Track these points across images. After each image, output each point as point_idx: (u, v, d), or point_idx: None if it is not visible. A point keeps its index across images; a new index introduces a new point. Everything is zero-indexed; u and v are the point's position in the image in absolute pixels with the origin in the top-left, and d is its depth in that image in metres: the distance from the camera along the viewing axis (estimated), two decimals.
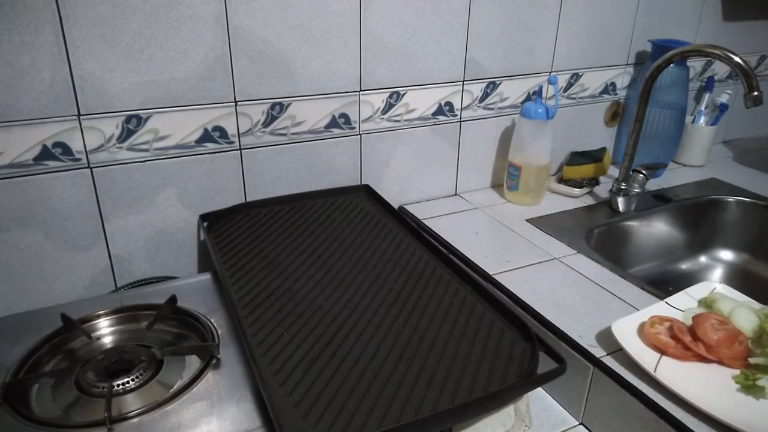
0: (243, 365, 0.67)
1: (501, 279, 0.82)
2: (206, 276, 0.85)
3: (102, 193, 0.82)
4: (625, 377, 0.63)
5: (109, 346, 0.72)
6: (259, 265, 0.79)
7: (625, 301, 0.78)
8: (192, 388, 0.63)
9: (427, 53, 0.98)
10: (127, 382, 0.63)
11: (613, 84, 1.22)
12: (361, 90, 0.96)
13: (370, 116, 0.98)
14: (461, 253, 0.90)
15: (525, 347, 0.64)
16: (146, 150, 0.82)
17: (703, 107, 1.30)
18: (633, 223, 1.06)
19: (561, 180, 1.15)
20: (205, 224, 0.87)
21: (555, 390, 0.73)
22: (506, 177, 1.09)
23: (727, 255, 1.14)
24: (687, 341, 0.65)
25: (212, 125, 0.86)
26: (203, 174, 0.88)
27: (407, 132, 1.03)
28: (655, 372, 0.62)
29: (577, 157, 1.17)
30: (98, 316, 0.75)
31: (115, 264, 0.86)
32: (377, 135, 1.00)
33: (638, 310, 0.74)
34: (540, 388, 0.74)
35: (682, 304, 0.74)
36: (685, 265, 1.12)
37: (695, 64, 1.32)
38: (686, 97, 1.18)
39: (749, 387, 0.61)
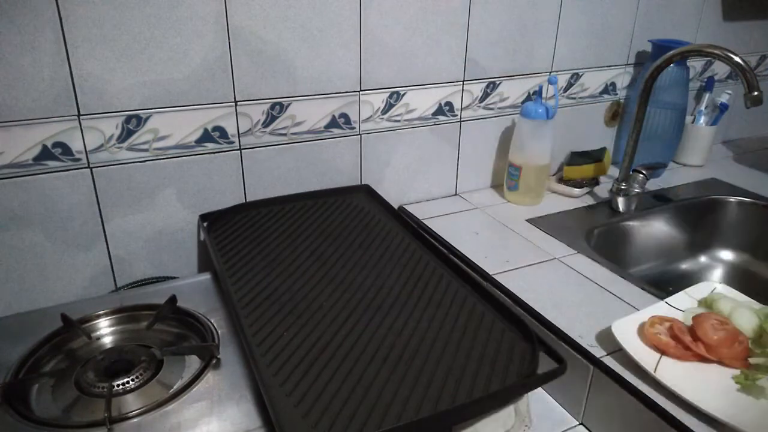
0: (243, 365, 0.67)
1: (501, 279, 0.82)
2: (206, 276, 0.85)
3: (102, 193, 0.82)
4: (625, 377, 0.63)
5: (109, 346, 0.72)
6: (259, 265, 0.79)
7: (625, 301, 0.78)
8: (192, 388, 0.63)
9: (427, 53, 0.98)
10: (127, 382, 0.63)
11: (613, 84, 1.22)
12: (361, 90, 0.95)
13: (370, 116, 0.98)
14: (461, 253, 0.90)
15: (525, 347, 0.64)
16: (146, 150, 0.82)
17: (703, 107, 1.30)
18: (633, 223, 1.06)
19: (561, 180, 1.15)
20: (205, 224, 0.87)
21: (555, 390, 0.73)
22: (506, 177, 1.09)
23: (727, 255, 1.14)
24: (687, 341, 0.65)
25: (212, 125, 0.86)
26: (203, 174, 0.88)
27: (407, 132, 1.03)
28: (655, 372, 0.62)
29: (577, 157, 1.17)
30: (98, 316, 0.75)
31: (115, 264, 0.86)
32: (377, 135, 1.00)
33: (638, 310, 0.74)
34: (540, 388, 0.74)
35: (682, 304, 0.74)
36: (685, 265, 1.12)
37: (695, 64, 1.32)
38: (686, 97, 1.18)
39: (749, 387, 0.61)
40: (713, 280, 1.05)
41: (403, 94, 1.00)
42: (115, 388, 0.62)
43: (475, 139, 1.11)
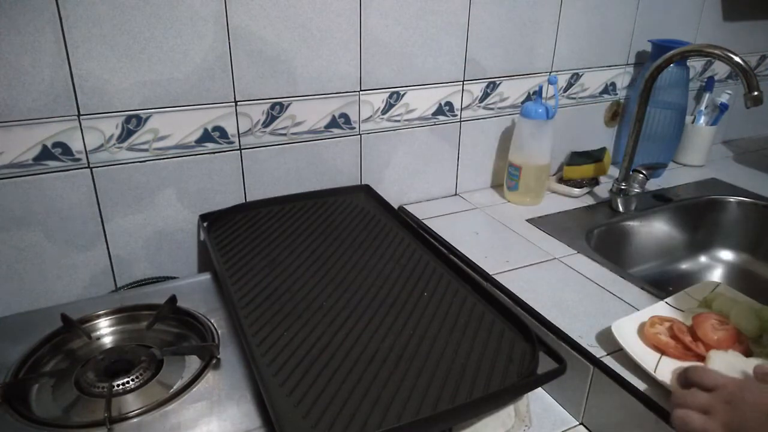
0: (243, 365, 0.67)
1: (501, 279, 0.82)
2: (206, 276, 0.85)
3: (102, 193, 0.82)
4: (625, 377, 0.63)
5: (109, 346, 0.72)
6: (259, 265, 0.79)
7: (625, 301, 0.78)
8: (192, 388, 0.63)
9: (427, 53, 0.98)
10: (127, 382, 0.63)
11: (613, 84, 1.22)
12: (361, 90, 0.95)
13: (370, 116, 0.98)
14: (461, 253, 0.90)
15: (525, 347, 0.64)
16: (146, 150, 0.82)
17: (703, 107, 1.30)
18: (633, 223, 1.06)
19: (561, 180, 1.15)
20: (205, 224, 0.87)
21: (555, 390, 0.73)
22: (506, 177, 1.10)
23: (727, 255, 1.14)
24: (687, 341, 0.65)
25: (212, 125, 0.86)
26: (203, 174, 0.88)
27: (407, 132, 1.03)
28: (655, 372, 0.62)
29: (577, 157, 1.17)
30: (98, 316, 0.75)
31: (115, 264, 0.86)
32: (377, 135, 1.00)
33: (638, 310, 0.74)
34: (540, 388, 0.74)
35: (682, 304, 0.74)
36: (685, 265, 1.12)
37: (695, 64, 1.32)
38: (686, 97, 1.18)
39: None
40: (713, 280, 1.05)
41: (403, 94, 1.00)
42: (115, 388, 0.62)
43: (475, 139, 1.11)
